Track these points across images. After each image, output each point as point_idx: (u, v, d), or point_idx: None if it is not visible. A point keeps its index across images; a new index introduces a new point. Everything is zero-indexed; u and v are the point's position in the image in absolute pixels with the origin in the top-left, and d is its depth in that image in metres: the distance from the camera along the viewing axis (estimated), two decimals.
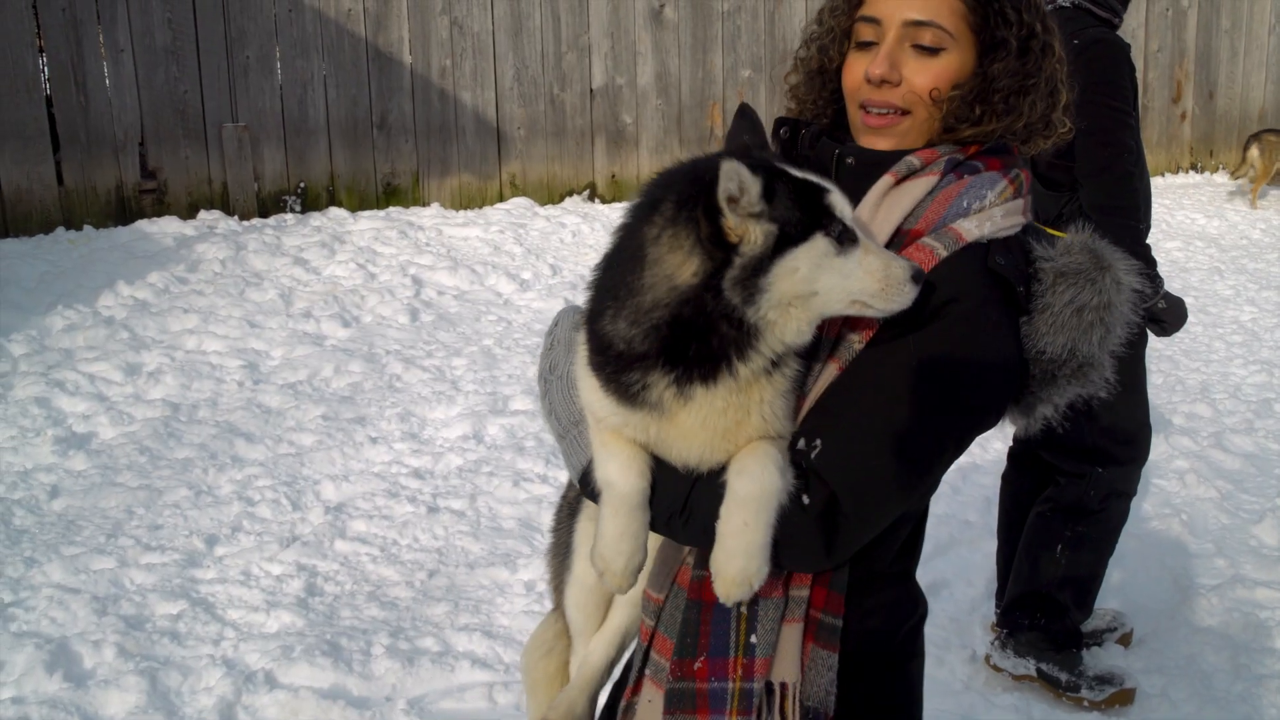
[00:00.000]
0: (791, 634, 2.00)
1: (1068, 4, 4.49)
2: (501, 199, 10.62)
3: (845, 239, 1.89)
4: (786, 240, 1.85)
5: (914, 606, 2.23)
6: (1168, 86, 13.51)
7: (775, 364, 1.92)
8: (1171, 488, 6.09)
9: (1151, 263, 4.37)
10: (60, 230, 9.03)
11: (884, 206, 2.04)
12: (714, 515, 1.90)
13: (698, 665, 2.03)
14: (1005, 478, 4.87)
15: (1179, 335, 8.27)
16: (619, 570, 1.98)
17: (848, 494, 1.90)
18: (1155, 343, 8.19)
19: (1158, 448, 6.49)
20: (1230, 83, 13.81)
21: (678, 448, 1.96)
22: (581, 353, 2.02)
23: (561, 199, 10.81)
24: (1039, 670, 4.52)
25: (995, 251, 2.01)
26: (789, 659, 2.00)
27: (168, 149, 9.47)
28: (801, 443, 1.93)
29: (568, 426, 2.13)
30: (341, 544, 5.32)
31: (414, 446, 6.30)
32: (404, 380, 7.13)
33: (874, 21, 2.11)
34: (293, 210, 9.89)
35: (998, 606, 4.81)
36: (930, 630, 4.74)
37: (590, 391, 2.00)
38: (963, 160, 2.10)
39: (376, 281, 8.61)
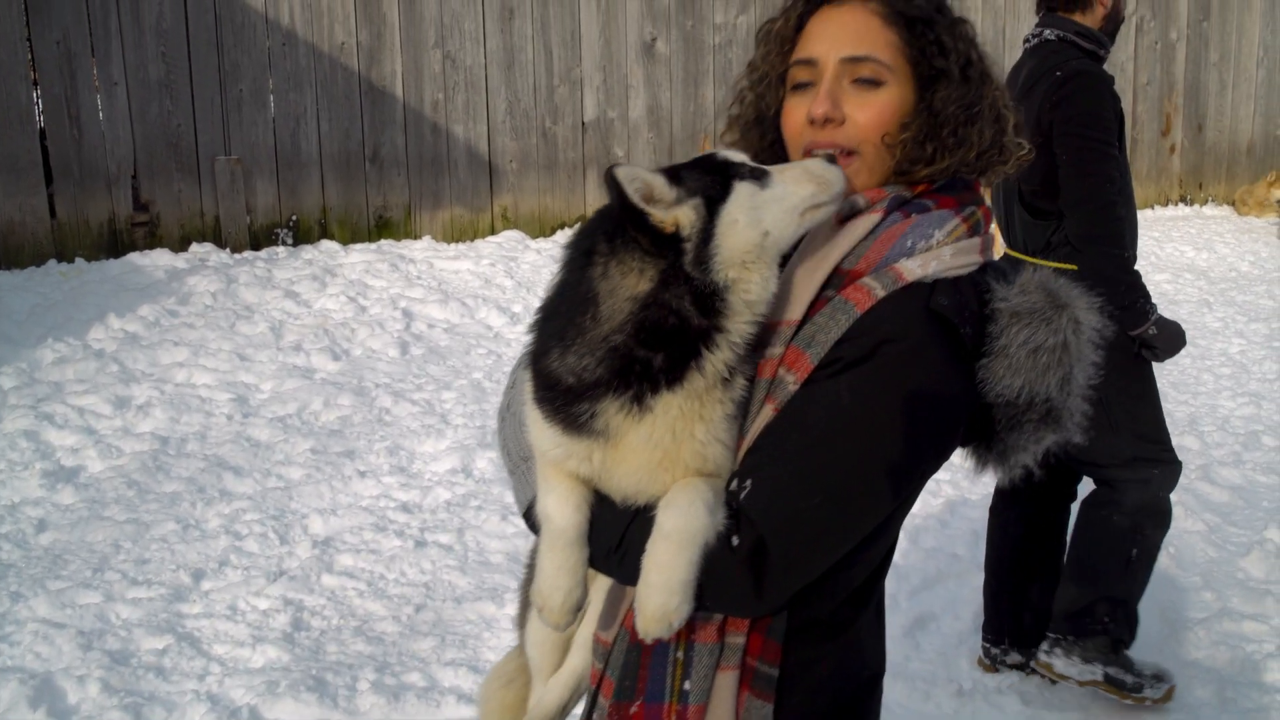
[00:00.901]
0: (726, 682, 1.95)
1: (1053, 37, 4.54)
2: (493, 232, 10.64)
3: (758, 175, 1.96)
4: (714, 202, 1.91)
5: (860, 662, 2.13)
6: (1157, 119, 13.58)
7: (731, 373, 1.93)
8: None
9: (1141, 289, 4.40)
10: (52, 262, 9.04)
11: (825, 247, 2.00)
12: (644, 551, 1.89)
13: (634, 709, 2.01)
14: (993, 510, 4.88)
15: (1167, 366, 8.28)
16: (556, 606, 1.96)
17: (774, 536, 1.85)
18: None
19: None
20: (1219, 115, 13.88)
21: (619, 475, 1.95)
22: (527, 389, 2.02)
23: (553, 232, 10.83)
24: (1106, 675, 4.54)
25: (939, 292, 1.95)
26: (723, 708, 1.95)
27: (160, 182, 9.49)
28: (734, 483, 1.92)
29: (517, 462, 2.15)
30: (328, 578, 5.31)
31: (402, 480, 6.29)
32: (393, 414, 7.13)
33: (809, 63, 2.09)
34: (284, 243, 9.90)
35: (985, 638, 4.81)
36: (917, 665, 4.77)
37: (534, 424, 2.00)
38: (910, 199, 2.05)
39: (367, 314, 8.62)
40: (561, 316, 1.95)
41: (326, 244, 9.92)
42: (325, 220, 10.07)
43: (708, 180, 1.93)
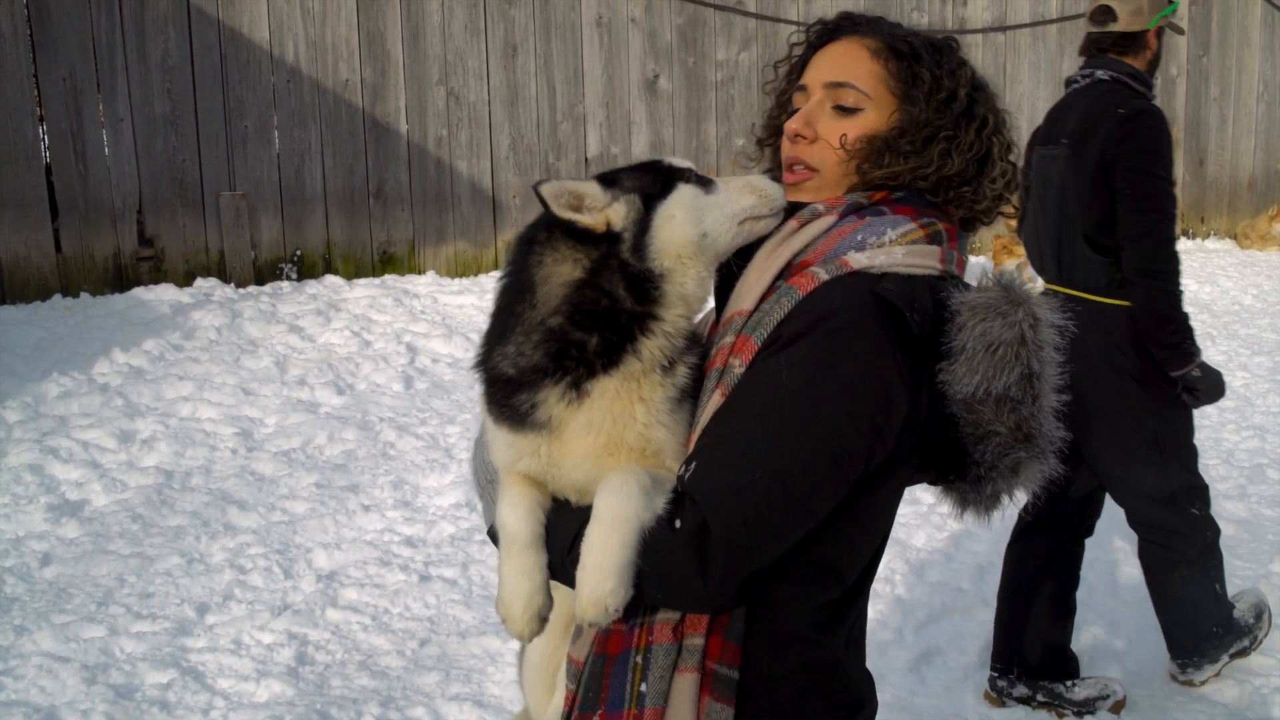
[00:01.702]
0: (685, 685, 1.94)
1: (1106, 77, 4.66)
2: (497, 267, 10.66)
3: (704, 181, 2.08)
4: (651, 199, 2.03)
5: (843, 692, 2.09)
6: None
7: (671, 362, 2.00)
8: None
9: (1189, 330, 4.55)
10: (57, 297, 9.06)
11: (781, 246, 2.07)
12: None
13: (598, 717, 2.01)
14: (1011, 542, 4.89)
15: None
16: (517, 615, 1.97)
17: (714, 514, 1.86)
18: None
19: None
20: (1220, 150, 13.92)
21: (568, 467, 2.00)
22: (483, 403, 2.09)
23: None
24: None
25: (887, 280, 1.98)
26: (683, 711, 1.94)
27: (165, 217, 9.53)
28: (681, 468, 1.95)
29: (484, 486, 2.21)
30: (333, 612, 5.30)
31: (406, 514, 6.29)
32: (397, 448, 7.14)
33: (802, 89, 2.23)
34: (289, 278, 9.93)
35: (994, 670, 4.80)
36: (923, 699, 4.75)
37: (490, 434, 2.08)
38: (867, 205, 2.11)
39: (371, 349, 8.63)
40: (503, 312, 2.05)
41: (331, 279, 9.94)
42: (329, 255, 10.10)
43: (648, 180, 2.06)
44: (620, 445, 1.98)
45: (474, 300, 9.68)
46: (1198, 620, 4.81)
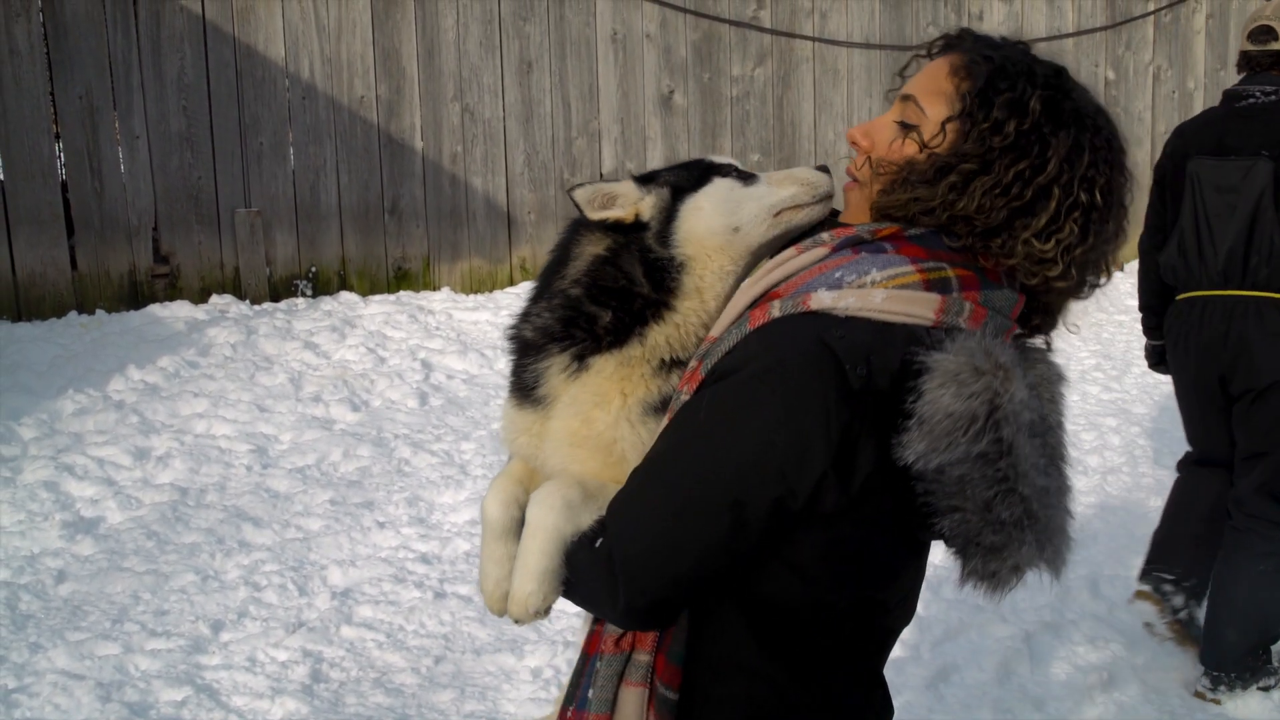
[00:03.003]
0: (632, 698, 1.98)
1: (1273, 97, 4.94)
2: (512, 283, 10.66)
3: (744, 176, 2.10)
4: (681, 191, 2.09)
5: None
6: None
7: (670, 362, 2.03)
8: None
9: None
10: (73, 314, 9.08)
11: (770, 273, 1.99)
12: None
13: (569, 713, 2.07)
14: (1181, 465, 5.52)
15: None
16: (488, 592, 2.11)
17: (617, 544, 1.88)
18: (1166, 424, 8.17)
19: None
20: None
21: (547, 451, 2.07)
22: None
23: None
24: None
25: (844, 326, 1.85)
26: None
27: (180, 234, 9.54)
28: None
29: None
30: (348, 629, 5.29)
31: (421, 531, 6.28)
32: (412, 464, 7.13)
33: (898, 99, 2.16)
34: (304, 294, 9.93)
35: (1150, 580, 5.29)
36: (940, 716, 4.71)
37: (503, 410, 2.18)
38: (869, 239, 1.98)
39: (386, 365, 8.63)
40: (539, 283, 2.16)
41: (346, 295, 9.95)
42: (344, 272, 10.11)
43: (684, 175, 2.12)
44: (589, 438, 2.03)
45: (489, 316, 9.68)
46: (1253, 628, 4.86)
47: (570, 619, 5.33)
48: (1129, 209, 2.06)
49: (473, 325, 9.56)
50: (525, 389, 2.09)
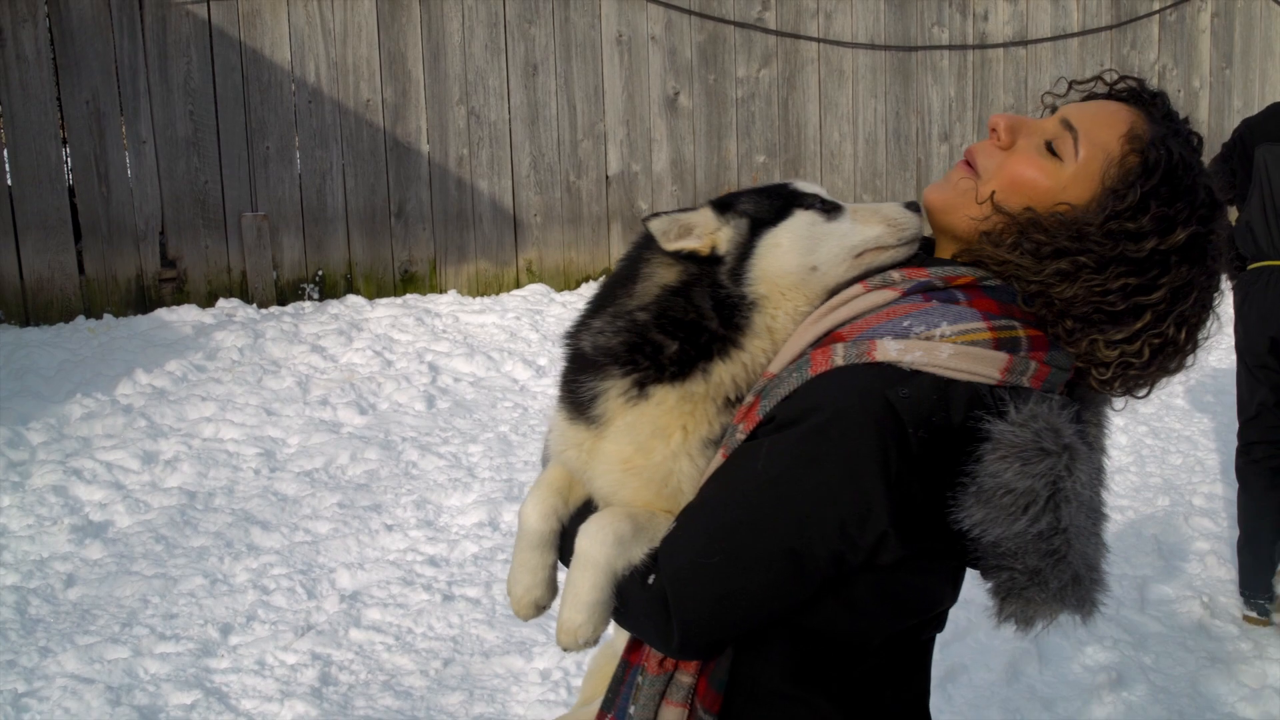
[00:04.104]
0: (672, 717, 1.95)
1: None
2: (518, 285, 10.68)
3: (829, 208, 1.99)
4: (760, 224, 1.98)
5: None
6: None
7: (733, 399, 1.96)
8: (1193, 569, 6.04)
9: None
10: (80, 319, 9.10)
11: (834, 311, 1.92)
12: None
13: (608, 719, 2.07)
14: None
15: (1197, 416, 8.24)
16: (516, 597, 2.12)
17: (673, 588, 1.84)
18: (1173, 423, 8.16)
19: (1178, 530, 6.44)
20: None
21: (597, 471, 2.02)
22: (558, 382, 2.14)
23: (578, 285, 10.86)
24: None
25: (909, 383, 1.78)
26: None
27: (188, 238, 9.57)
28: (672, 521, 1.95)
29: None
30: (356, 632, 5.29)
31: (429, 534, 6.28)
32: (420, 467, 7.13)
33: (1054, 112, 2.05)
34: (311, 298, 9.95)
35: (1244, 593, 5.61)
36: (948, 717, 4.71)
37: (553, 419, 2.12)
38: (942, 287, 1.91)
39: (393, 369, 8.64)
40: (603, 294, 2.07)
41: (352, 299, 9.96)
42: (351, 275, 10.12)
43: (765, 204, 2.01)
44: (643, 469, 1.96)
45: (495, 319, 9.69)
46: None
47: None
48: (1199, 349, 1.98)
49: (479, 328, 9.57)
50: (578, 404, 2.01)
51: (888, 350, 1.80)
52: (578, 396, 2.01)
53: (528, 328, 9.62)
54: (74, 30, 9.08)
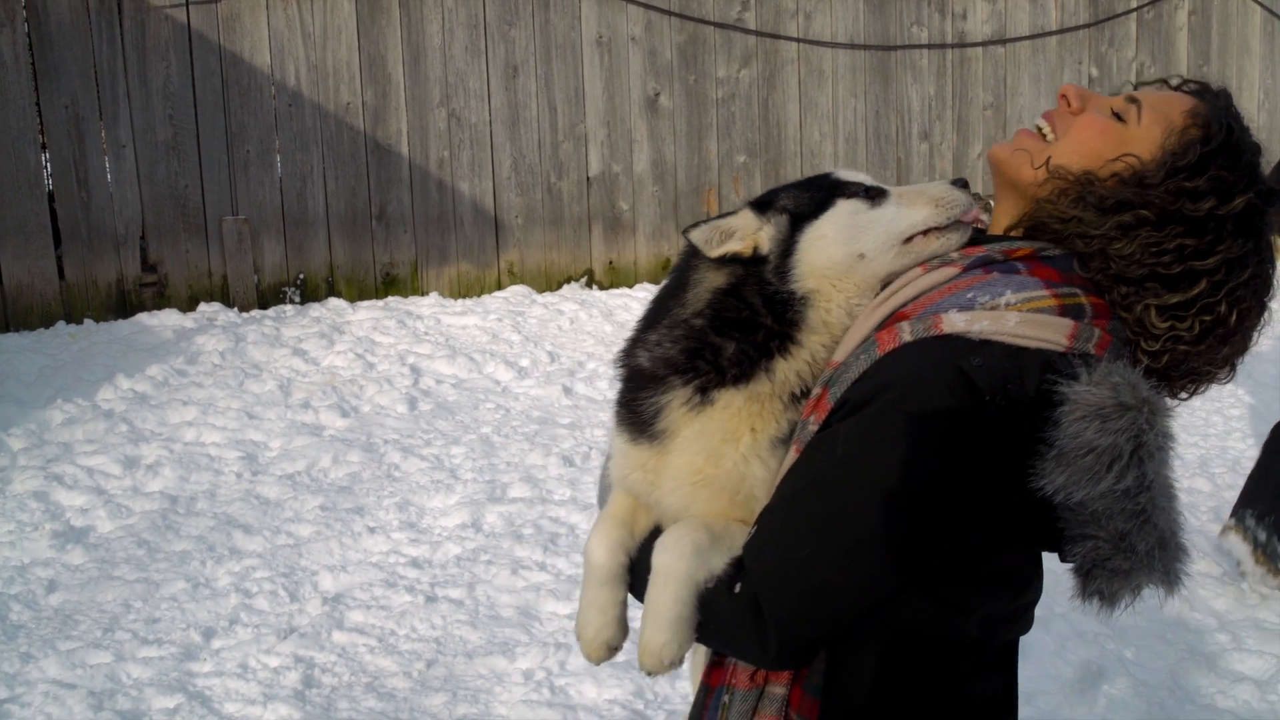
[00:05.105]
0: None
1: None
2: (500, 287, 10.68)
3: (873, 194, 1.97)
4: (801, 218, 1.96)
5: None
6: None
7: (799, 394, 1.93)
8: None
9: None
10: (61, 324, 9.08)
11: (895, 294, 1.92)
12: None
13: None
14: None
15: (1178, 410, 8.27)
16: (587, 640, 2.04)
17: (765, 590, 1.81)
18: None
19: None
20: None
21: (665, 489, 1.98)
22: (614, 410, 2.09)
23: (559, 286, 10.86)
24: None
25: (980, 352, 1.77)
26: None
27: (168, 242, 9.55)
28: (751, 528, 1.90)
29: (601, 502, 2.23)
30: (339, 635, 5.29)
31: (412, 536, 6.28)
32: (402, 469, 7.13)
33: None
34: (292, 301, 9.94)
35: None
36: None
37: (612, 435, 2.07)
38: (1001, 260, 1.93)
39: (375, 371, 8.63)
40: (655, 308, 2.05)
41: (334, 302, 9.95)
42: (332, 278, 10.12)
43: (804, 197, 2.00)
44: (714, 478, 1.93)
45: (477, 321, 9.69)
46: None
47: (562, 620, 5.35)
48: (1249, 348, 2.03)
49: (461, 330, 9.56)
50: (640, 423, 1.98)
51: (955, 322, 1.80)
52: (639, 415, 1.98)
53: (509, 329, 9.62)
54: (52, 35, 9.05)
